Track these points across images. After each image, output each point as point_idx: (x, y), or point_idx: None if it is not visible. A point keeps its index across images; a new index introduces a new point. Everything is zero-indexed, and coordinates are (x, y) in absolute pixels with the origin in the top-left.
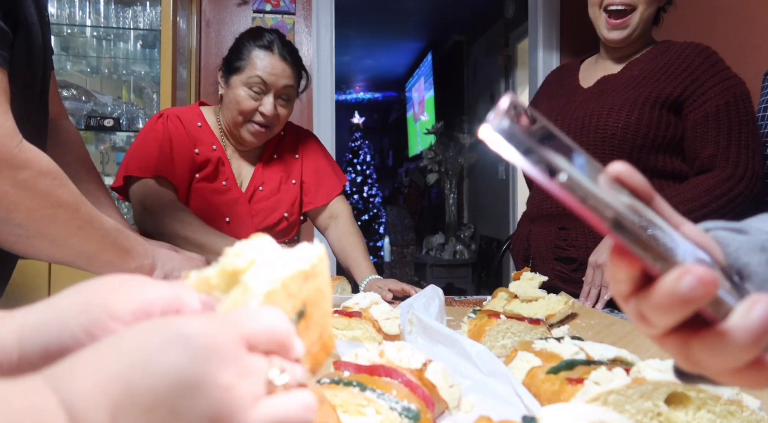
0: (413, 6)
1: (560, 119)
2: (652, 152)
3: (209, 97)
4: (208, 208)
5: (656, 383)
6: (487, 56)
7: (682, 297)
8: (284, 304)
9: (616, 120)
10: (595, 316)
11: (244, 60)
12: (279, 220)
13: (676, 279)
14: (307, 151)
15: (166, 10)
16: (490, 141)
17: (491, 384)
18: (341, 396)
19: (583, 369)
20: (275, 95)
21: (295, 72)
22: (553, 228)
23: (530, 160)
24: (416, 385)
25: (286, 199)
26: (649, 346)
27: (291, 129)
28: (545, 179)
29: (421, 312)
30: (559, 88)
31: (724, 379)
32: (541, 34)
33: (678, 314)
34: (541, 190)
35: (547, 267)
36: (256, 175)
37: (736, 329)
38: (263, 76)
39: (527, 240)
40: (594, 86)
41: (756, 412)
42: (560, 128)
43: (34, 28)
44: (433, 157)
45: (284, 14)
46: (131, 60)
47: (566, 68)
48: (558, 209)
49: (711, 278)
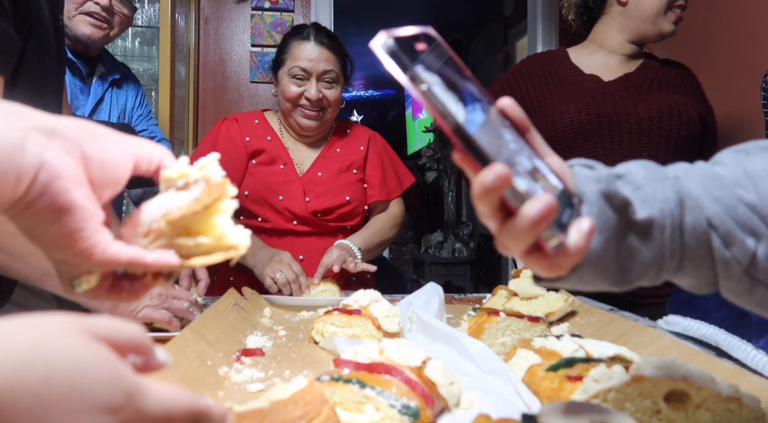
0: (412, 3)
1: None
2: (691, 154)
3: (207, 95)
4: (261, 187)
5: (655, 381)
6: (486, 54)
7: (484, 187)
8: None
9: (685, 121)
10: (594, 314)
11: (285, 53)
12: (340, 204)
13: (484, 174)
14: (373, 148)
15: (164, 8)
16: (377, 53)
17: (491, 381)
18: (341, 393)
19: (583, 366)
20: (317, 79)
21: (335, 56)
22: None
23: (407, 74)
24: (416, 383)
25: (347, 186)
26: (649, 344)
27: (357, 128)
28: (411, 88)
29: (421, 310)
30: (557, 77)
31: (526, 262)
32: (540, 31)
33: (490, 204)
34: None
35: None
36: (316, 163)
37: (520, 216)
38: (302, 63)
39: None
40: (619, 81)
41: (755, 410)
42: (608, 118)
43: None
44: (432, 155)
45: (283, 11)
46: (130, 57)
47: (551, 58)
48: None
49: (504, 173)
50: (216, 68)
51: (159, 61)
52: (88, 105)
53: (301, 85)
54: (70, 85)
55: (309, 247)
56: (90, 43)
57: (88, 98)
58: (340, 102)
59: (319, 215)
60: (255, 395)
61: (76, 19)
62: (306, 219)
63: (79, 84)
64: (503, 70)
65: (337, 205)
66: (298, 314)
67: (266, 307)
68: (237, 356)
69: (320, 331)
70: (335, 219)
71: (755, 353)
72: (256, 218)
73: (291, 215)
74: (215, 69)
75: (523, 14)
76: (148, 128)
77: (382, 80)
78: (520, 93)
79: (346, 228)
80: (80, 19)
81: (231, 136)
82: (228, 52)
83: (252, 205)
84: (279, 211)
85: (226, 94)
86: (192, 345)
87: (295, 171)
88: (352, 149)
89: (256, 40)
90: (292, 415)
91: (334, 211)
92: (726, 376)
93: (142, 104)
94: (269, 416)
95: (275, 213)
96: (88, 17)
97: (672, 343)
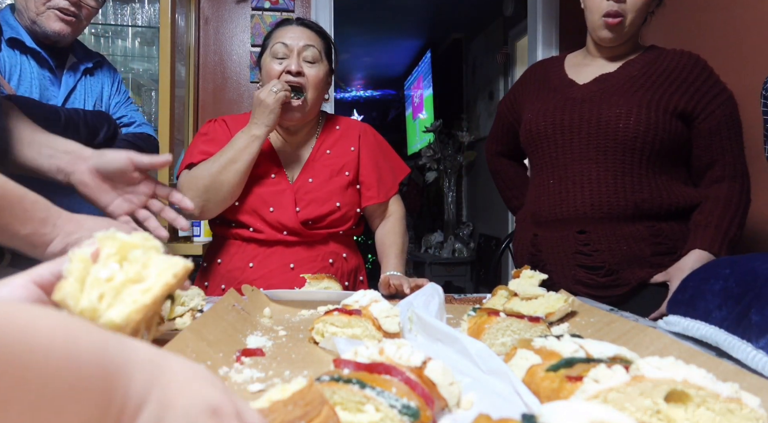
0: (412, 4)
1: (560, 116)
2: (660, 155)
3: (208, 95)
4: (252, 198)
5: (656, 381)
6: (486, 54)
7: None
8: None
9: (636, 122)
10: (594, 314)
11: (268, 39)
12: (330, 211)
13: None
14: (365, 146)
15: (164, 8)
16: None
17: (491, 382)
18: (340, 393)
19: (583, 367)
20: (298, 55)
21: (316, 36)
22: (571, 232)
23: None
24: (416, 383)
25: (338, 190)
26: (649, 344)
27: (346, 124)
28: None
29: (421, 310)
30: (544, 83)
31: None
32: (540, 31)
33: None
34: (549, 191)
35: (567, 274)
36: (306, 168)
37: None
38: (284, 40)
39: (534, 245)
40: (592, 83)
41: (755, 409)
42: (561, 125)
43: None
44: (432, 155)
45: (283, 11)
46: (129, 57)
47: (546, 64)
48: (576, 212)
49: None
50: (216, 68)
51: (159, 61)
52: (60, 96)
53: (282, 63)
54: (39, 77)
55: (299, 256)
56: (59, 40)
57: (59, 89)
58: (323, 86)
59: (310, 223)
60: (255, 395)
61: (45, 15)
62: (295, 230)
63: (48, 75)
64: (503, 70)
65: (327, 213)
66: (298, 314)
67: (266, 306)
68: (237, 356)
69: (320, 331)
70: (326, 226)
71: (755, 353)
72: (247, 228)
73: (281, 226)
74: (215, 69)
75: (523, 14)
76: (128, 114)
77: (382, 80)
78: (516, 100)
79: (338, 234)
80: (49, 15)
81: (218, 137)
82: (228, 52)
83: (243, 217)
84: (269, 222)
85: (226, 94)
86: (192, 345)
87: (286, 179)
88: (343, 150)
89: (256, 40)
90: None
91: (325, 219)
92: (726, 376)
93: (119, 91)
94: (269, 416)
95: (265, 224)
96: (58, 12)
97: (672, 343)
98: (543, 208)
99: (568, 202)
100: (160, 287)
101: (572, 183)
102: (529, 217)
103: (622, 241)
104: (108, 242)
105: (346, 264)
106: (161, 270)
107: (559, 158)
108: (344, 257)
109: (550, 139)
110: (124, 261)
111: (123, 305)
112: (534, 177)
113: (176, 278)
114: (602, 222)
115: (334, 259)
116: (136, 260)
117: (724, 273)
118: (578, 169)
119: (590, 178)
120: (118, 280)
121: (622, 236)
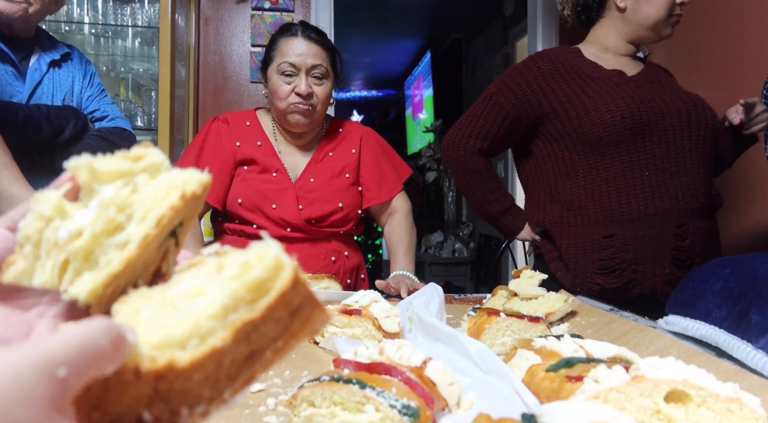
0: (412, 4)
1: (647, 105)
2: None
3: (208, 95)
4: (255, 195)
5: (656, 381)
6: (486, 54)
7: None
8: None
9: (711, 110)
10: (594, 314)
11: (273, 50)
12: (333, 211)
13: None
14: (366, 148)
15: (164, 8)
16: None
17: (491, 382)
18: (341, 393)
19: (583, 367)
20: (307, 74)
21: (323, 50)
22: (669, 227)
23: None
24: (416, 383)
25: (340, 192)
26: (649, 344)
27: (349, 127)
28: None
29: (421, 310)
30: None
31: None
32: (540, 31)
33: None
34: (642, 184)
35: (658, 273)
36: (308, 169)
37: None
38: (290, 59)
39: (611, 246)
40: (639, 76)
41: (755, 409)
42: (654, 113)
43: None
44: (432, 155)
45: (283, 11)
46: (129, 57)
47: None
48: (678, 205)
49: None
50: (216, 68)
51: (159, 61)
52: (25, 91)
53: (290, 82)
54: (0, 72)
55: (302, 253)
56: (9, 22)
57: (24, 84)
58: (329, 98)
59: (313, 222)
60: (255, 395)
61: None
62: (299, 226)
63: (11, 70)
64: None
65: (330, 212)
66: None
67: None
68: None
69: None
70: (328, 225)
71: (755, 353)
72: (251, 225)
73: (284, 223)
74: (215, 69)
75: (523, 14)
76: (100, 108)
77: (382, 80)
78: (543, 92)
79: (339, 233)
80: None
81: (220, 138)
82: (228, 52)
83: (246, 213)
84: (272, 219)
85: (226, 94)
86: None
87: (288, 178)
88: (344, 153)
89: (256, 40)
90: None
91: (327, 218)
92: (726, 376)
93: (92, 84)
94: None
95: (269, 221)
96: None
97: (672, 343)
98: (632, 204)
99: (668, 194)
100: (149, 227)
101: (669, 174)
102: (592, 216)
103: (708, 236)
104: (82, 174)
105: (348, 262)
106: (156, 197)
107: (655, 149)
108: (346, 255)
109: (645, 126)
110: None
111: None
112: (603, 172)
113: (184, 199)
114: (695, 215)
115: (336, 256)
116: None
117: (724, 273)
118: (674, 160)
119: (686, 169)
120: (87, 236)
121: (707, 231)
